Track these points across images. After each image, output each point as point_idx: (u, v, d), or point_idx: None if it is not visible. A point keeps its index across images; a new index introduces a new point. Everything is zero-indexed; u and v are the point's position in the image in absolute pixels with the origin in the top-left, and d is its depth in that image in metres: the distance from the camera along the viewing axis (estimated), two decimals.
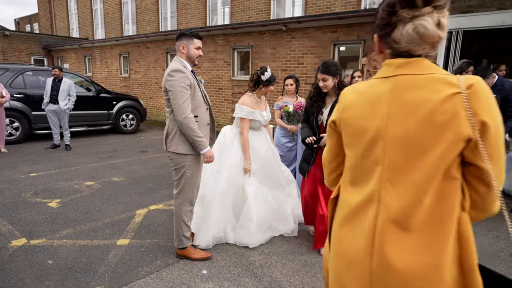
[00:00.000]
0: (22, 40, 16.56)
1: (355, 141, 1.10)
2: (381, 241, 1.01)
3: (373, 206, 1.04)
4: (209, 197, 3.36)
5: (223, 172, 3.41)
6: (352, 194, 1.13)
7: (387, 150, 1.02)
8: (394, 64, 1.04)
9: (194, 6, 13.53)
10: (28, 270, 2.81)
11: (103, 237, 3.45)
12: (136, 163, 6.46)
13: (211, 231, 3.28)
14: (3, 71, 7.84)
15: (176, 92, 2.65)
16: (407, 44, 1.00)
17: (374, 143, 1.04)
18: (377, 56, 1.15)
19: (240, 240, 3.28)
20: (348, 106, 1.13)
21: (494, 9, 5.04)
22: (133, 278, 2.74)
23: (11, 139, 7.71)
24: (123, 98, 9.94)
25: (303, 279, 2.78)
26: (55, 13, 21.31)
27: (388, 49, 1.07)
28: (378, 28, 1.08)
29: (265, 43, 9.20)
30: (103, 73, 15.19)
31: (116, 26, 17.19)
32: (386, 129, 1.02)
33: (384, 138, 1.02)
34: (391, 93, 1.03)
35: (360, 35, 7.50)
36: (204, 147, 2.78)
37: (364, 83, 1.13)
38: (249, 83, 3.54)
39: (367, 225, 1.05)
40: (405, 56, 1.03)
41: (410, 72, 1.01)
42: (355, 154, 1.11)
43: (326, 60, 2.95)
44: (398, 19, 1.00)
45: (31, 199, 4.43)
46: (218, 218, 3.33)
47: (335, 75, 2.88)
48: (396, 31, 1.01)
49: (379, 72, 1.10)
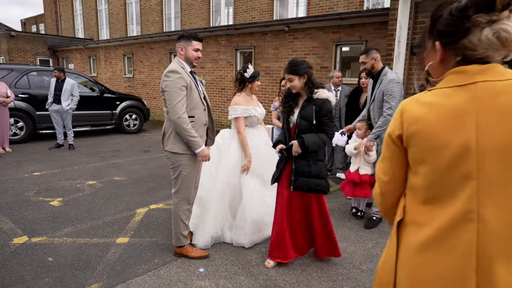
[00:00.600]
0: (28, 40, 16.75)
1: (432, 156, 1.00)
2: (487, 264, 0.92)
3: (470, 226, 0.93)
4: (206, 197, 3.40)
5: (221, 172, 3.45)
6: (426, 215, 1.02)
7: (481, 163, 0.92)
8: (470, 71, 0.97)
9: (198, 6, 13.60)
10: (29, 267, 2.87)
11: (103, 235, 3.50)
12: (138, 163, 6.52)
13: (208, 231, 3.31)
14: (8, 71, 7.95)
15: (170, 92, 2.71)
16: (485, 50, 0.94)
17: (461, 157, 0.94)
18: (437, 65, 1.06)
19: (236, 240, 3.32)
20: (417, 119, 1.02)
21: None
22: (130, 276, 2.79)
23: (16, 139, 7.82)
24: (127, 98, 10.03)
25: (298, 278, 2.81)
26: (60, 13, 21.52)
27: (456, 56, 1.00)
28: (441, 35, 1.01)
29: (268, 43, 9.23)
30: (107, 73, 15.32)
31: (120, 27, 17.33)
32: (476, 141, 0.93)
33: (476, 150, 0.93)
34: (475, 101, 0.94)
35: (362, 35, 7.51)
36: (198, 146, 2.82)
37: (429, 94, 1.04)
38: (235, 83, 3.57)
39: (465, 248, 0.94)
40: (479, 63, 0.97)
41: (490, 79, 0.95)
42: (433, 171, 1.00)
43: (293, 60, 2.84)
44: (473, 24, 0.93)
45: (33, 197, 4.51)
46: (215, 218, 3.36)
47: (302, 74, 2.74)
48: (471, 37, 0.94)
49: (447, 81, 1.02)
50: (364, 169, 3.77)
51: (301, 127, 2.77)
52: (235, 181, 3.41)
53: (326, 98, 2.77)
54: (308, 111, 2.75)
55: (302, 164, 2.79)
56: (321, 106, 2.73)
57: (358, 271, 2.94)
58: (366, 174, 3.75)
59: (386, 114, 3.39)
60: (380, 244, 3.43)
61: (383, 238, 3.56)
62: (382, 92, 3.44)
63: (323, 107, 2.73)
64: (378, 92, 3.49)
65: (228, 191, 3.41)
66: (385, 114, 3.40)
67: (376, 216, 3.79)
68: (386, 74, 3.47)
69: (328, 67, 8.11)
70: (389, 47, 6.01)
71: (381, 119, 3.43)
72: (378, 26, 7.16)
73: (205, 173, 3.55)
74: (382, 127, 3.42)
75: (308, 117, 2.75)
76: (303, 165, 2.79)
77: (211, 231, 3.32)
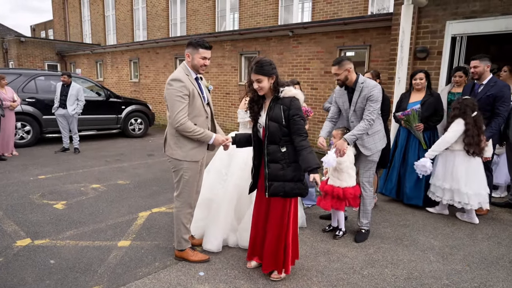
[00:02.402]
0: (36, 46, 17.01)
1: None
2: None
3: None
4: (217, 201, 3.40)
5: (232, 175, 3.46)
6: None
7: None
8: None
9: (203, 12, 13.71)
10: (30, 269, 2.90)
11: (105, 238, 3.53)
12: (142, 167, 6.56)
13: (221, 234, 3.32)
14: (16, 76, 8.08)
15: (172, 101, 2.73)
16: None
17: None
18: None
19: (243, 243, 3.31)
20: None
21: (497, 14, 4.99)
22: (131, 279, 2.80)
23: (22, 143, 7.92)
24: (132, 103, 10.12)
25: (298, 283, 2.80)
26: (69, 19, 21.83)
27: None
28: None
29: (272, 48, 9.27)
30: (114, 78, 15.48)
31: (127, 32, 17.52)
32: None
33: None
34: None
35: (366, 40, 7.51)
36: (209, 139, 2.86)
37: None
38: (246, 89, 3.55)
39: None
40: None
41: None
42: None
43: (260, 59, 2.62)
44: None
45: (38, 200, 4.55)
46: (226, 221, 3.37)
47: (271, 75, 2.59)
48: None
49: None
50: (332, 180, 3.52)
51: (271, 129, 2.59)
52: (243, 184, 3.40)
53: (293, 95, 2.61)
54: (276, 111, 2.58)
55: (275, 168, 2.63)
56: (289, 104, 2.57)
57: (359, 276, 2.92)
58: (332, 185, 3.49)
59: (370, 118, 3.26)
60: (382, 249, 3.40)
61: (385, 243, 3.53)
62: (366, 98, 3.29)
63: (291, 105, 2.57)
64: (360, 100, 3.34)
65: (236, 193, 3.41)
66: (368, 118, 3.26)
67: (364, 228, 3.66)
68: (365, 81, 3.33)
69: None
70: (393, 52, 6.01)
71: (364, 122, 3.27)
72: (382, 31, 7.16)
73: (215, 176, 3.56)
74: (363, 130, 3.28)
75: (277, 118, 2.57)
76: (277, 169, 2.63)
77: (223, 233, 3.33)
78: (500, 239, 3.66)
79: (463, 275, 2.96)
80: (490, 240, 3.65)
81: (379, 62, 7.35)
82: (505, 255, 3.33)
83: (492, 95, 4.00)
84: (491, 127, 4.00)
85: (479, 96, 4.07)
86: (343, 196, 3.44)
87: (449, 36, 5.49)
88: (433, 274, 2.98)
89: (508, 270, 3.05)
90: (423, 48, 5.70)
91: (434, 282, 2.85)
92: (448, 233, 3.80)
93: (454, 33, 5.44)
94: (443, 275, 2.96)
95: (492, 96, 4.00)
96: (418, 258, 3.25)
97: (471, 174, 3.92)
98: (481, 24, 5.16)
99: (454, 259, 3.24)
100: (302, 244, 3.48)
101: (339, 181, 3.47)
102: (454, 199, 3.99)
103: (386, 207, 4.61)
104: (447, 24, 5.47)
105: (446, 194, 4.05)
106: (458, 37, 5.48)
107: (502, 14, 4.96)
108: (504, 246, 3.50)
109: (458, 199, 3.96)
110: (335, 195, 3.45)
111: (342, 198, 3.45)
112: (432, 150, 3.97)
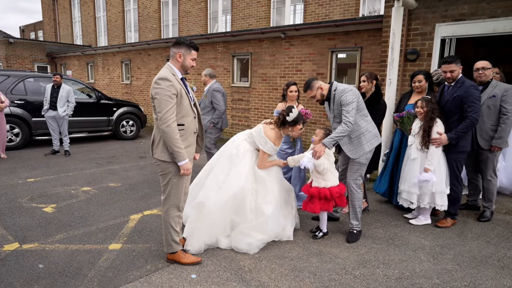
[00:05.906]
0: (26, 47, 16.79)
1: None
2: None
3: None
4: (209, 206, 3.36)
5: (230, 185, 3.44)
6: None
7: None
8: None
9: (196, 14, 13.70)
10: (18, 274, 2.85)
11: (96, 241, 3.48)
12: (134, 169, 6.51)
13: (203, 237, 3.30)
14: (5, 77, 7.96)
15: (160, 100, 2.70)
16: None
17: None
18: None
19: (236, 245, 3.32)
20: None
21: (485, 17, 5.07)
22: (122, 282, 2.77)
23: (11, 145, 7.80)
24: (124, 105, 10.04)
25: (290, 284, 2.79)
26: (59, 20, 21.63)
27: None
28: None
29: (264, 50, 9.29)
30: (105, 80, 15.35)
31: (118, 34, 17.41)
32: None
33: None
34: None
35: (357, 42, 7.57)
36: (182, 159, 2.78)
37: None
38: (276, 122, 3.58)
39: None
40: None
41: None
42: None
43: None
44: None
45: (27, 204, 4.48)
46: (213, 226, 3.35)
47: None
48: None
49: None
50: (316, 181, 3.52)
51: None
52: (241, 195, 3.41)
53: None
54: None
55: None
56: None
57: (351, 276, 2.93)
58: (317, 187, 3.49)
59: (347, 121, 3.31)
60: (373, 250, 3.42)
61: (377, 244, 3.55)
62: (339, 104, 3.39)
63: None
64: (336, 106, 3.45)
65: (232, 204, 3.41)
66: (344, 121, 3.32)
67: (356, 229, 3.67)
68: (336, 88, 3.43)
69: (324, 73, 8.16)
70: (383, 54, 6.07)
71: (342, 125, 3.32)
72: (373, 33, 7.22)
73: (211, 180, 3.54)
74: (342, 133, 3.32)
75: None
76: None
77: (206, 237, 3.32)
78: (488, 238, 3.71)
79: (454, 274, 2.99)
80: (479, 239, 3.69)
81: (370, 64, 7.42)
82: (494, 253, 3.37)
83: (458, 96, 3.70)
84: (457, 130, 3.69)
85: (446, 98, 3.84)
86: (330, 197, 3.46)
87: (438, 38, 5.56)
88: (424, 273, 3.00)
89: (497, 269, 3.09)
90: (414, 50, 5.77)
91: (425, 282, 2.87)
92: (438, 233, 3.84)
93: (444, 35, 5.51)
94: (433, 274, 2.99)
95: (459, 98, 3.70)
96: (409, 258, 3.27)
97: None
98: (469, 27, 5.23)
99: (445, 258, 3.27)
100: (296, 244, 3.48)
101: (324, 181, 3.48)
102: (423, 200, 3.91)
103: (378, 207, 4.64)
104: (437, 26, 5.53)
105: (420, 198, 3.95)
106: (447, 39, 5.55)
107: (489, 17, 5.04)
108: (493, 245, 3.55)
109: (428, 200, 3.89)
110: (323, 196, 3.45)
111: (330, 198, 3.47)
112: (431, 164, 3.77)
